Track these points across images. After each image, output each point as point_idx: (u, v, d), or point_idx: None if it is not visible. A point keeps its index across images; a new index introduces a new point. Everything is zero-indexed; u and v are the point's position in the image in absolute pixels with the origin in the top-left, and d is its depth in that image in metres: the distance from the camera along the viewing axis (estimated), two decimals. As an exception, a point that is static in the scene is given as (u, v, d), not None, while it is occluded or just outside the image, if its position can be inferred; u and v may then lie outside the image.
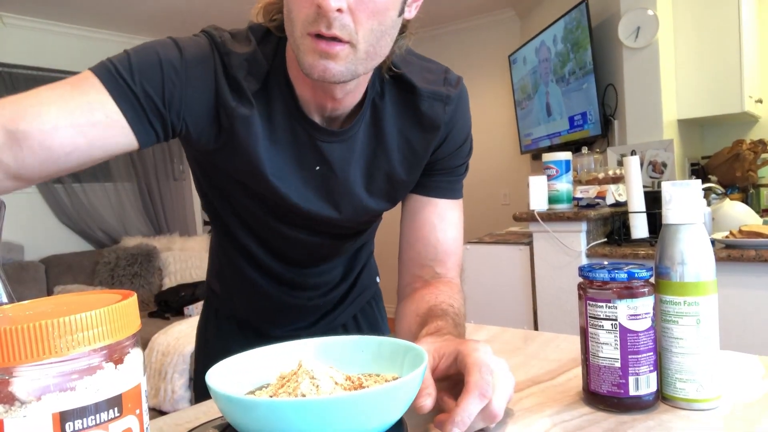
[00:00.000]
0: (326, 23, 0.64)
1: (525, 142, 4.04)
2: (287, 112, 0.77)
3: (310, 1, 0.65)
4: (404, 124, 0.82)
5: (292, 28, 0.69)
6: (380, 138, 0.82)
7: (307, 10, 0.65)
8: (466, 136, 0.88)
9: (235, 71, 0.73)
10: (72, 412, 0.31)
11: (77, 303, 0.35)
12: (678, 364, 0.59)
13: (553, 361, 0.78)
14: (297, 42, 0.68)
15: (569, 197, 2.36)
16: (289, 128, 0.78)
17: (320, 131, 0.78)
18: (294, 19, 0.67)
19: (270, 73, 0.76)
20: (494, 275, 2.57)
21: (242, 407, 0.46)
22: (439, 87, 0.82)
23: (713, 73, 2.88)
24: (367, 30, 0.66)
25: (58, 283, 3.79)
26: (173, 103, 0.71)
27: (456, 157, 0.88)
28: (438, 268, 0.87)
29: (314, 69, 0.67)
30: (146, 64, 0.70)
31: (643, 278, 0.59)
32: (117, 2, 3.86)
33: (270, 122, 0.77)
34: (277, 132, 0.78)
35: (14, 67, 3.95)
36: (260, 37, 0.77)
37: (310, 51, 0.67)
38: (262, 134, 0.76)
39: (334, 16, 0.64)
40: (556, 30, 3.34)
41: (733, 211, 2.21)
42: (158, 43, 0.73)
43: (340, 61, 0.67)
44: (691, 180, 0.61)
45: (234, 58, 0.73)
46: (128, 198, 4.55)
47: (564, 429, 0.57)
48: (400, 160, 0.83)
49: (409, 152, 0.84)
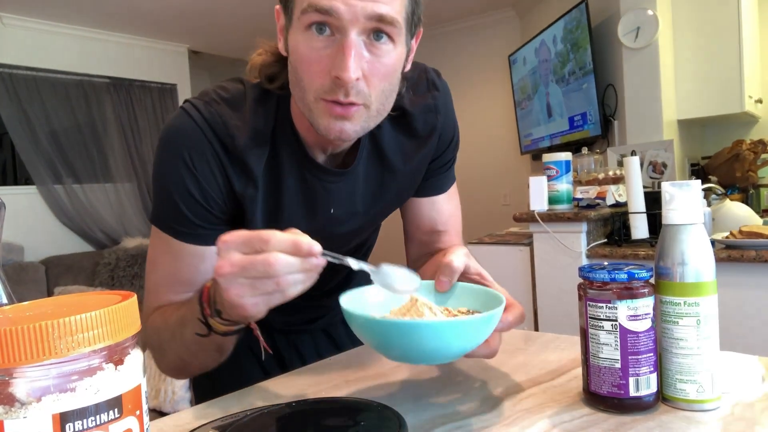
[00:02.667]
0: (344, 92, 0.67)
1: (525, 143, 4.04)
2: (296, 161, 0.79)
3: (324, 72, 0.67)
4: (404, 143, 0.84)
5: (302, 94, 0.70)
6: (385, 163, 0.85)
7: (321, 80, 0.67)
8: (454, 128, 0.91)
9: (241, 153, 0.75)
10: (72, 413, 0.31)
11: (77, 304, 0.35)
12: (678, 364, 0.59)
13: (553, 361, 0.78)
14: (310, 106, 0.70)
15: (569, 198, 2.36)
16: (299, 177, 0.80)
17: (329, 174, 0.80)
18: (306, 87, 0.69)
19: (275, 128, 0.78)
20: (494, 276, 2.55)
21: (394, 328, 0.57)
22: (426, 97, 0.84)
23: (713, 73, 2.88)
24: (379, 91, 0.69)
25: (58, 284, 3.79)
26: (215, 203, 0.77)
27: (448, 153, 0.92)
28: (442, 246, 0.96)
29: (331, 131, 0.69)
30: (185, 202, 0.75)
31: (643, 279, 0.59)
32: (117, 2, 3.86)
33: (278, 185, 0.79)
34: (284, 194, 0.80)
35: (14, 68, 3.96)
36: (258, 97, 0.77)
37: (325, 114, 0.69)
38: (262, 208, 0.79)
39: (351, 85, 0.66)
40: (556, 30, 3.34)
41: (733, 211, 2.21)
42: (172, 168, 0.75)
43: (355, 121, 0.70)
44: (692, 180, 0.61)
45: (238, 139, 0.74)
46: (128, 198, 4.55)
47: (564, 430, 0.57)
48: (408, 175, 0.88)
49: (414, 167, 0.88)
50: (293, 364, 0.94)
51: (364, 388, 0.72)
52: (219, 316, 0.65)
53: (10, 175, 4.55)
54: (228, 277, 0.58)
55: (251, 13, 4.18)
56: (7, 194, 3.94)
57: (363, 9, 0.63)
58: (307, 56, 0.67)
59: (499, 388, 0.69)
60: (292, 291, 0.59)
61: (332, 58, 0.66)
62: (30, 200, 4.07)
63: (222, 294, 0.59)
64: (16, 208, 3.93)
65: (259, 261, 0.57)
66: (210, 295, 0.66)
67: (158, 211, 0.78)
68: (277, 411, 0.60)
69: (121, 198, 4.52)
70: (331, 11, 0.63)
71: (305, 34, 0.67)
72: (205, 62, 5.66)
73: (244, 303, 0.59)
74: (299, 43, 0.68)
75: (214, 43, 4.95)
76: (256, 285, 0.58)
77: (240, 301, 0.58)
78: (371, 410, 0.58)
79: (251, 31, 4.60)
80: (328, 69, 0.66)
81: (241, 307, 0.59)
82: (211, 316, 0.66)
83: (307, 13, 0.65)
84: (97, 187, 4.39)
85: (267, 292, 0.58)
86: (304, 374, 0.80)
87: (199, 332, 0.68)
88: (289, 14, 0.70)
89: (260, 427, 0.56)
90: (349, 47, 0.64)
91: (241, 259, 0.57)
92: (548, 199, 2.35)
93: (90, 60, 4.32)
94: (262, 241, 0.57)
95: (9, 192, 4.04)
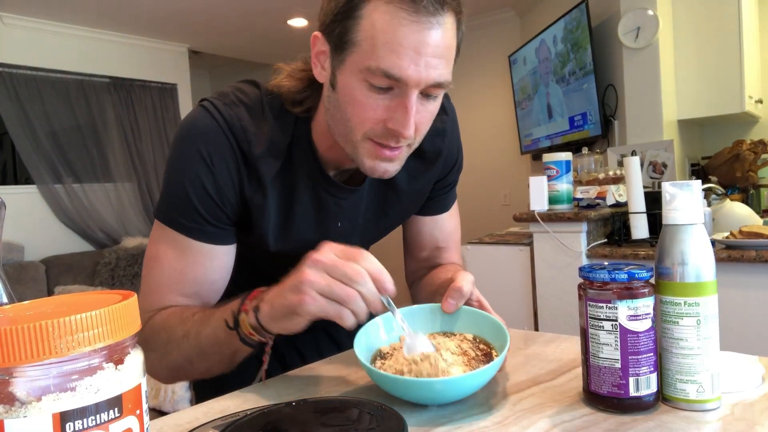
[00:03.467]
0: (395, 140, 0.71)
1: (525, 143, 4.04)
2: (311, 177, 0.81)
3: (379, 120, 0.70)
4: (410, 163, 0.85)
5: (347, 131, 0.73)
6: (389, 182, 0.87)
7: (373, 125, 0.70)
8: (458, 151, 0.96)
9: (255, 160, 0.76)
10: (72, 412, 0.31)
11: (77, 303, 0.35)
12: (678, 364, 0.59)
13: (553, 361, 0.78)
14: (355, 144, 0.73)
15: (569, 198, 2.36)
16: (311, 192, 0.82)
17: (342, 190, 0.83)
18: (353, 127, 0.71)
19: (292, 144, 0.79)
20: (494, 276, 2.57)
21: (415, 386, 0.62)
22: (436, 120, 0.86)
23: (713, 73, 2.88)
24: (422, 132, 0.75)
25: (59, 284, 3.79)
26: (228, 203, 0.77)
27: (451, 175, 0.96)
28: (441, 262, 0.98)
29: (375, 171, 0.74)
30: (198, 196, 0.75)
31: (643, 279, 0.59)
32: (117, 2, 3.86)
33: (290, 197, 0.81)
34: (295, 206, 0.81)
35: (14, 67, 3.95)
36: (277, 113, 0.79)
37: (371, 155, 0.73)
38: (273, 218, 0.80)
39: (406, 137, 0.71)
40: (556, 30, 3.34)
41: (733, 211, 2.21)
42: (188, 161, 0.75)
43: (399, 161, 0.75)
44: (692, 180, 0.61)
45: (255, 146, 0.76)
46: (128, 198, 4.55)
47: (564, 429, 0.57)
48: (412, 195, 0.91)
49: (418, 188, 0.91)
50: (294, 364, 0.94)
51: (365, 388, 0.72)
52: (256, 314, 0.67)
53: (10, 174, 4.55)
54: (318, 264, 0.61)
55: (251, 13, 4.18)
56: (7, 194, 3.93)
57: (427, 78, 0.68)
58: (363, 103, 0.70)
59: (499, 388, 0.69)
60: (347, 314, 0.62)
61: (390, 110, 0.69)
62: (30, 200, 4.07)
63: (292, 280, 0.62)
64: (16, 207, 3.92)
65: (351, 266, 0.61)
66: (258, 295, 0.68)
67: (167, 206, 0.77)
68: (277, 411, 0.60)
69: (121, 198, 4.51)
70: (401, 80, 0.67)
71: (363, 83, 0.69)
72: (205, 62, 5.66)
73: (305, 297, 0.61)
74: (355, 89, 0.70)
75: (214, 43, 4.95)
76: (332, 286, 0.61)
77: (305, 292, 0.61)
78: (371, 410, 0.58)
79: (251, 31, 4.61)
80: (383, 118, 0.70)
81: (299, 302, 0.61)
82: (245, 312, 0.68)
83: (375, 75, 0.67)
84: (98, 187, 4.38)
85: (335, 296, 0.61)
86: (304, 374, 0.80)
87: (228, 322, 0.70)
88: (341, 52, 0.70)
89: (260, 427, 0.56)
90: (411, 108, 0.69)
91: (335, 258, 0.62)
92: (548, 199, 2.35)
93: (90, 60, 4.31)
94: (360, 254, 0.62)
95: (9, 192, 4.04)
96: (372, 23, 0.66)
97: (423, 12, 0.65)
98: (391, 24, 0.65)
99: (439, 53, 0.68)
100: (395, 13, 0.65)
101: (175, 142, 0.77)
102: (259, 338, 0.69)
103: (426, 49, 0.66)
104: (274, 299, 0.66)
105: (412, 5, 0.65)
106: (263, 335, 0.68)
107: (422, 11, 0.65)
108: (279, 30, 4.60)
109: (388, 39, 0.65)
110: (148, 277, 0.80)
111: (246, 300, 0.69)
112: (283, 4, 4.04)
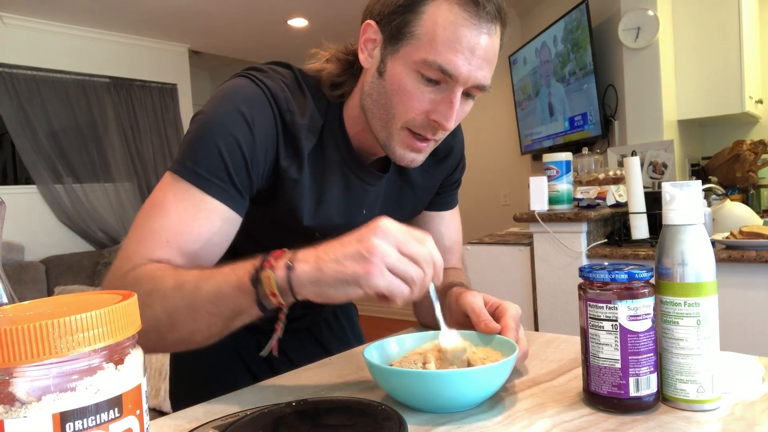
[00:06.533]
0: (432, 132, 0.76)
1: (525, 143, 4.04)
2: (341, 161, 0.82)
3: (422, 111, 0.73)
4: (425, 160, 0.86)
5: (388, 118, 0.76)
6: (405, 176, 0.91)
7: (415, 114, 0.74)
8: (463, 149, 1.00)
9: (297, 130, 0.77)
10: (72, 412, 0.31)
11: (77, 303, 0.35)
12: (678, 365, 0.59)
13: (553, 361, 0.78)
14: (391, 131, 0.76)
15: (569, 198, 2.36)
16: (341, 175, 0.83)
17: (371, 176, 0.85)
18: (396, 114, 0.75)
19: (325, 126, 0.80)
20: (494, 276, 2.57)
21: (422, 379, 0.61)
22: None
23: (713, 73, 2.88)
24: (451, 129, 0.77)
25: (59, 284, 3.79)
26: (257, 173, 0.75)
27: (457, 172, 0.99)
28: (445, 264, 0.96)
29: (404, 159, 0.78)
30: (231, 153, 0.72)
31: (643, 279, 0.59)
32: (117, 2, 3.86)
33: (322, 177, 0.81)
34: (326, 186, 0.82)
35: (14, 67, 3.95)
36: (314, 92, 0.80)
37: (404, 145, 0.77)
38: (308, 193, 0.80)
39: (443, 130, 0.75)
40: (557, 30, 3.34)
41: (733, 211, 2.21)
42: (227, 118, 0.73)
43: (425, 153, 0.80)
44: (692, 181, 0.61)
45: (297, 117, 0.77)
46: (128, 198, 4.55)
47: (564, 430, 0.57)
48: (424, 190, 0.94)
49: (430, 183, 0.94)
50: (283, 367, 0.93)
51: (364, 388, 0.72)
52: (289, 272, 0.61)
53: (10, 174, 4.55)
54: (389, 236, 0.59)
55: (251, 13, 4.18)
56: (7, 194, 3.93)
57: (475, 78, 0.72)
58: (411, 92, 0.73)
59: (499, 388, 0.69)
60: (407, 294, 0.59)
61: (434, 103, 0.73)
62: (30, 200, 4.07)
63: (352, 247, 0.59)
64: (16, 207, 3.92)
65: (420, 247, 0.60)
66: (284, 254, 0.63)
67: (190, 160, 0.72)
68: (277, 411, 0.60)
69: (121, 198, 4.51)
70: (453, 76, 0.71)
71: (415, 74, 0.72)
72: (205, 62, 5.66)
73: (373, 269, 0.57)
74: (405, 78, 0.73)
75: (215, 43, 4.95)
76: (404, 263, 0.59)
77: (374, 263, 0.57)
78: (371, 410, 0.58)
79: (251, 31, 4.61)
80: (426, 110, 0.74)
81: (365, 273, 0.57)
82: (271, 268, 0.61)
83: (430, 68, 0.71)
84: (98, 187, 4.38)
85: (403, 274, 0.59)
86: (304, 374, 0.80)
87: (250, 275, 0.63)
88: (397, 43, 0.73)
89: (260, 427, 0.56)
90: (456, 103, 0.73)
91: (406, 234, 0.60)
92: (548, 199, 2.35)
93: (90, 60, 4.31)
94: (425, 235, 0.62)
95: (9, 192, 4.04)
96: (434, 19, 0.70)
97: (484, 17, 0.71)
98: (454, 23, 0.70)
99: (489, 57, 0.73)
100: (459, 13, 0.70)
101: (212, 101, 0.74)
102: (278, 301, 0.62)
103: (479, 51, 0.71)
104: (324, 263, 0.59)
105: (475, 9, 0.70)
106: (286, 299, 0.62)
107: (484, 16, 0.71)
108: (279, 30, 4.60)
109: (449, 36, 0.70)
110: (147, 223, 0.72)
111: (269, 257, 0.63)
112: (283, 4, 4.04)
